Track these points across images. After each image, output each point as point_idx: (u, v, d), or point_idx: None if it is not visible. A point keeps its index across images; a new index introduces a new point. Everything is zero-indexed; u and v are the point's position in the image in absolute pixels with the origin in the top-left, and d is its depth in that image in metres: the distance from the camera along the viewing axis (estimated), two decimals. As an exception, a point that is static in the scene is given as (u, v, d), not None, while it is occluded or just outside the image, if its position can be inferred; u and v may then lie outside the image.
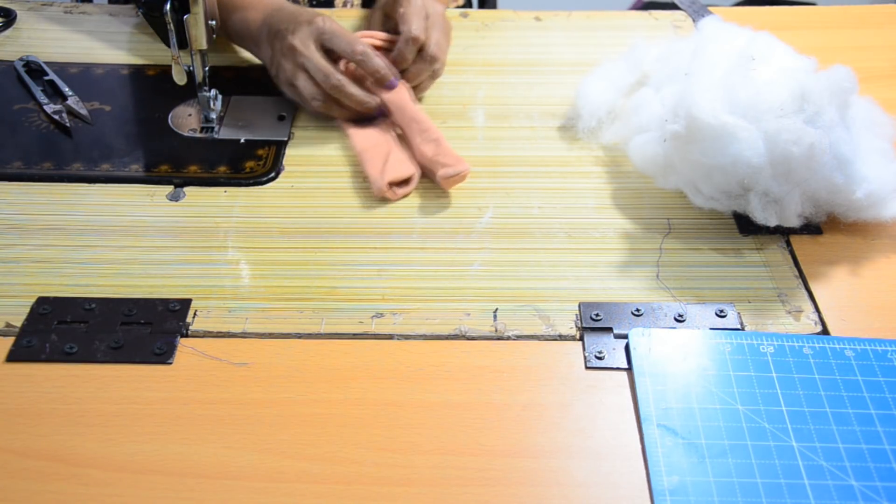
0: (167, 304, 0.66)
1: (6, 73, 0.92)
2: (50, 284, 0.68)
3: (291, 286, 0.69)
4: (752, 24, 0.84)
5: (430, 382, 0.61)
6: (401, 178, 0.78)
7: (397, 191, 0.78)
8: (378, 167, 0.78)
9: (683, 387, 0.60)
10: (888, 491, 0.54)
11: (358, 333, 0.65)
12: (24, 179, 0.79)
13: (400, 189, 0.78)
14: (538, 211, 0.76)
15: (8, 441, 0.57)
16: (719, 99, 0.71)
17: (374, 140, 0.82)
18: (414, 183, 0.79)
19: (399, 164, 0.79)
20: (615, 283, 0.69)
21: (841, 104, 0.70)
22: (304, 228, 0.74)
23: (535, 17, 1.04)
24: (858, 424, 0.58)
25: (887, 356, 0.62)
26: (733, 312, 0.66)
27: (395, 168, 0.78)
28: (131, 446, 0.57)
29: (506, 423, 0.59)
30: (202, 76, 0.82)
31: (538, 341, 0.65)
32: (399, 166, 0.79)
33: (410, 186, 0.79)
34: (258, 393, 0.60)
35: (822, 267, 0.71)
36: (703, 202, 0.75)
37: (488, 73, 0.94)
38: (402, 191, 0.78)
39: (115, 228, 0.74)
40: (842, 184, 0.70)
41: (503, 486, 0.55)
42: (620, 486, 0.55)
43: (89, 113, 0.86)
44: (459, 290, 0.69)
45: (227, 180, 0.79)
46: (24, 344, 0.63)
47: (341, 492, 0.54)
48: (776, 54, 0.75)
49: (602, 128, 0.85)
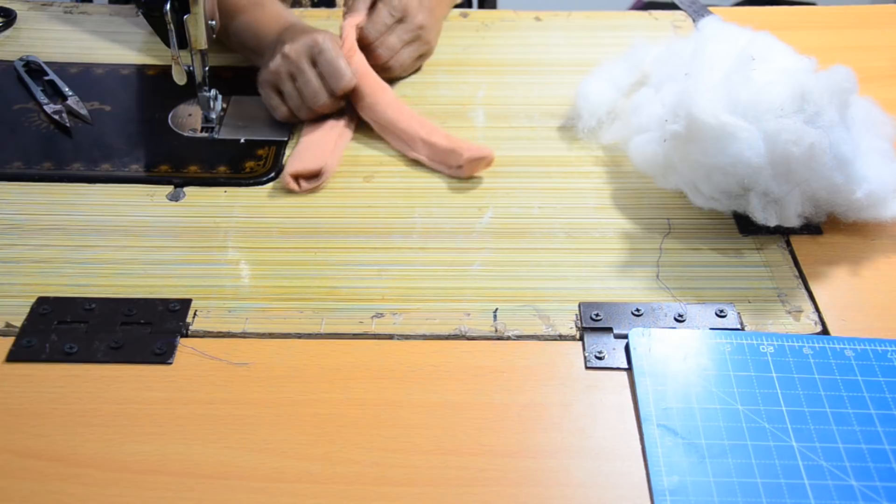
0: (167, 304, 0.66)
1: (6, 73, 0.92)
2: (50, 284, 0.68)
3: (291, 286, 0.69)
4: (752, 24, 0.84)
5: (430, 382, 0.61)
6: (307, 170, 0.77)
7: (303, 184, 0.77)
8: (294, 158, 0.78)
9: (683, 387, 0.60)
10: (888, 491, 0.54)
11: (358, 333, 0.65)
12: (24, 179, 0.79)
13: (307, 182, 0.77)
14: (538, 211, 0.76)
15: (8, 441, 0.57)
16: (719, 99, 0.71)
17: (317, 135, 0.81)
18: (324, 178, 0.78)
19: (309, 156, 0.78)
20: (615, 283, 0.69)
21: (841, 104, 0.70)
22: (304, 228, 0.74)
23: (535, 17, 1.04)
24: (858, 424, 0.58)
25: (887, 356, 0.62)
26: (733, 312, 0.66)
27: (302, 158, 0.77)
28: (131, 446, 0.57)
29: (506, 423, 0.59)
30: (202, 76, 0.82)
31: (538, 341, 0.65)
32: (308, 157, 0.77)
33: (319, 181, 0.77)
34: (258, 393, 0.60)
35: (822, 267, 0.71)
36: (703, 202, 0.75)
37: (488, 73, 0.94)
38: (308, 185, 0.77)
39: (115, 228, 0.74)
40: (842, 184, 0.70)
41: (503, 486, 0.55)
42: (620, 486, 0.55)
43: (89, 113, 0.87)
44: (459, 290, 0.69)
45: (227, 180, 0.79)
46: (24, 344, 0.63)
47: (341, 492, 0.55)
48: (776, 54, 0.75)
49: (602, 128, 0.85)
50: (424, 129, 0.81)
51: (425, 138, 0.80)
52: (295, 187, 0.77)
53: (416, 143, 0.81)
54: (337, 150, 0.81)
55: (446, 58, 0.95)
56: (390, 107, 0.83)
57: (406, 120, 0.82)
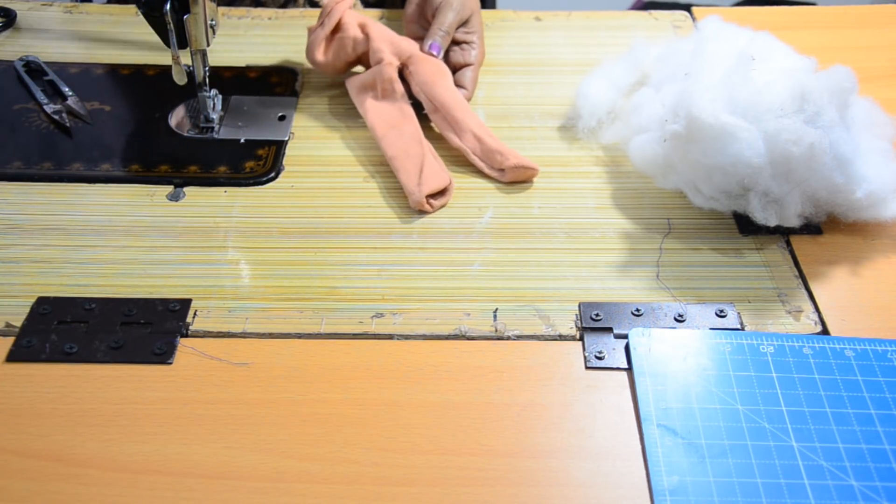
0: (167, 304, 0.66)
1: (6, 73, 0.92)
2: (50, 284, 0.68)
3: (291, 286, 0.69)
4: (752, 24, 0.84)
5: (430, 382, 0.61)
6: (438, 189, 0.76)
7: (434, 202, 0.76)
8: (413, 178, 0.76)
9: (683, 387, 0.60)
10: (888, 491, 0.54)
11: (358, 333, 0.65)
12: (24, 179, 0.79)
13: (437, 200, 0.76)
14: (538, 211, 0.76)
15: (8, 441, 0.57)
16: (719, 99, 0.71)
17: (404, 145, 0.80)
18: (450, 193, 0.77)
19: (435, 175, 0.77)
20: (615, 283, 0.69)
21: (841, 104, 0.70)
22: (304, 228, 0.74)
23: (535, 17, 1.04)
24: (858, 424, 0.58)
25: (887, 356, 0.62)
26: (733, 312, 0.66)
27: (431, 179, 0.76)
28: (131, 446, 0.57)
29: (506, 423, 0.59)
30: (202, 76, 0.82)
31: (538, 341, 0.65)
32: (435, 177, 0.77)
33: (447, 197, 0.77)
34: (258, 393, 0.60)
35: (822, 267, 0.71)
36: (703, 202, 0.75)
37: (488, 73, 0.94)
38: (439, 202, 0.76)
39: (115, 228, 0.74)
40: (842, 184, 0.70)
41: (503, 486, 0.55)
42: (620, 486, 0.55)
43: (89, 113, 0.87)
44: (459, 290, 0.69)
45: (227, 180, 0.79)
46: (24, 344, 0.63)
47: (341, 492, 0.55)
48: (776, 54, 0.76)
49: (602, 128, 0.85)
50: (477, 124, 0.81)
51: (476, 132, 0.80)
52: (429, 208, 0.76)
53: (466, 134, 0.81)
54: (438, 159, 0.80)
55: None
56: (449, 91, 0.83)
57: (462, 109, 0.82)
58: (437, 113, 0.83)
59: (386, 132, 0.82)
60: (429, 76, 0.84)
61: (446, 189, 0.77)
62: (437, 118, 0.83)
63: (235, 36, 1.00)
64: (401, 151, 0.79)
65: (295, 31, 1.01)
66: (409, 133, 0.81)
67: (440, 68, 0.85)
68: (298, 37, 0.99)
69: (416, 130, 0.82)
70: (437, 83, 0.83)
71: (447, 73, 0.85)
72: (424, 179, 0.76)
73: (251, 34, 1.00)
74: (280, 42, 0.99)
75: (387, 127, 0.82)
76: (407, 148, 0.80)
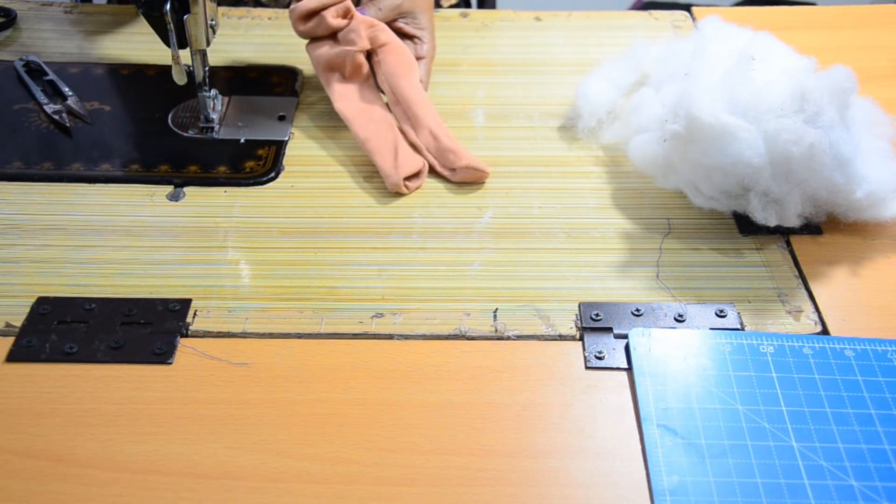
0: (167, 304, 0.66)
1: (6, 73, 0.92)
2: (50, 284, 0.68)
3: (291, 286, 0.69)
4: (752, 24, 0.84)
5: (430, 382, 0.61)
6: (413, 171, 0.78)
7: (410, 185, 0.78)
8: (389, 160, 0.78)
9: (683, 387, 0.60)
10: (888, 491, 0.54)
11: (358, 333, 0.65)
12: (24, 179, 0.79)
13: (412, 182, 0.78)
14: (538, 211, 0.76)
15: (8, 441, 0.57)
16: (719, 99, 0.71)
17: (376, 128, 0.81)
18: (424, 175, 0.79)
19: (410, 157, 0.79)
20: (615, 283, 0.69)
21: (841, 104, 0.70)
22: (304, 228, 0.74)
23: (535, 17, 1.04)
24: (858, 424, 0.58)
25: (887, 356, 0.62)
26: (733, 312, 0.66)
27: (407, 161, 0.78)
28: (131, 446, 0.57)
29: (506, 423, 0.59)
30: (202, 76, 0.82)
31: (538, 341, 0.65)
32: (410, 159, 0.79)
33: (421, 179, 0.79)
34: (258, 393, 0.60)
35: (822, 267, 0.71)
36: (703, 202, 0.75)
37: (488, 73, 0.94)
38: (415, 184, 0.78)
39: (115, 228, 0.74)
40: (842, 184, 0.70)
41: (503, 486, 0.55)
42: (620, 486, 0.55)
43: (89, 113, 0.87)
44: (459, 290, 0.69)
45: (227, 180, 0.79)
46: (24, 344, 0.63)
47: (341, 492, 0.55)
48: (776, 54, 0.75)
49: (602, 128, 0.85)
50: (435, 122, 0.81)
51: (433, 129, 0.80)
52: (406, 190, 0.78)
53: (423, 131, 0.81)
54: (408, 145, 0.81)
55: (446, 58, 0.95)
56: (413, 86, 0.83)
57: (423, 106, 0.82)
58: (398, 106, 0.83)
59: (355, 115, 0.83)
60: (395, 68, 0.84)
61: (420, 171, 0.79)
62: (398, 111, 0.83)
63: (235, 36, 1.00)
64: (373, 134, 0.81)
65: (295, 31, 1.01)
66: (379, 117, 0.82)
67: (408, 62, 0.85)
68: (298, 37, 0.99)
69: (385, 114, 0.83)
70: (402, 76, 0.83)
71: (415, 67, 0.85)
72: (400, 162, 0.78)
73: (251, 34, 1.00)
74: (280, 42, 0.99)
75: (356, 111, 0.83)
76: (379, 130, 0.81)
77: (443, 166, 0.80)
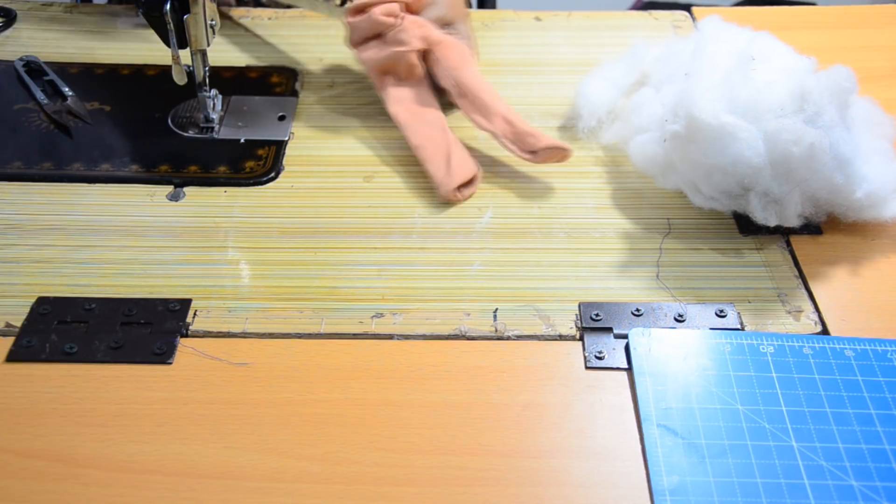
0: (167, 304, 0.66)
1: (6, 73, 0.92)
2: (50, 284, 0.68)
3: (291, 286, 0.69)
4: (752, 24, 0.84)
5: (430, 382, 0.61)
6: (466, 179, 0.77)
7: (464, 192, 0.77)
8: (442, 168, 0.77)
9: (683, 387, 0.60)
10: (888, 491, 0.54)
11: (358, 333, 0.65)
12: (24, 179, 0.79)
13: (466, 189, 0.77)
14: (538, 211, 0.76)
15: (8, 441, 0.57)
16: (719, 99, 0.71)
17: (429, 133, 0.80)
18: (477, 182, 0.78)
19: (463, 164, 0.78)
20: (615, 283, 0.69)
21: (841, 104, 0.70)
22: (304, 228, 0.74)
23: (535, 17, 1.04)
24: (858, 424, 0.58)
25: (887, 356, 0.62)
26: (733, 312, 0.66)
27: (459, 169, 0.77)
28: (131, 446, 0.57)
29: (506, 423, 0.59)
30: (202, 76, 0.82)
31: (538, 341, 0.65)
32: (463, 166, 0.77)
33: (474, 187, 0.78)
34: (258, 393, 0.60)
35: (822, 267, 0.71)
36: (703, 202, 0.75)
37: (488, 73, 0.94)
38: (468, 191, 0.77)
39: (115, 228, 0.74)
40: (842, 184, 0.70)
41: (503, 486, 0.55)
42: (620, 486, 0.55)
43: (89, 113, 0.87)
44: (459, 290, 0.69)
45: (227, 180, 0.79)
46: (24, 344, 0.63)
47: (341, 492, 0.55)
48: (776, 54, 0.75)
49: (602, 128, 0.85)
50: (506, 108, 0.80)
51: (506, 115, 0.79)
52: (459, 197, 0.77)
53: (496, 118, 0.80)
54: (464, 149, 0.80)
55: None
56: (476, 75, 0.83)
57: (490, 93, 0.81)
58: (465, 98, 0.82)
59: (408, 119, 0.81)
60: (456, 61, 0.83)
61: (474, 178, 0.78)
62: (465, 103, 0.82)
63: (235, 36, 1.00)
64: (426, 140, 0.79)
65: (295, 31, 1.01)
66: (433, 120, 0.81)
67: (466, 55, 0.84)
68: (298, 37, 0.99)
69: (439, 118, 0.82)
70: (463, 68, 0.83)
71: (473, 58, 0.85)
72: (453, 170, 0.76)
73: (251, 34, 1.00)
74: (280, 42, 0.99)
75: (409, 114, 0.82)
76: (432, 135, 0.80)
77: (522, 150, 0.78)
